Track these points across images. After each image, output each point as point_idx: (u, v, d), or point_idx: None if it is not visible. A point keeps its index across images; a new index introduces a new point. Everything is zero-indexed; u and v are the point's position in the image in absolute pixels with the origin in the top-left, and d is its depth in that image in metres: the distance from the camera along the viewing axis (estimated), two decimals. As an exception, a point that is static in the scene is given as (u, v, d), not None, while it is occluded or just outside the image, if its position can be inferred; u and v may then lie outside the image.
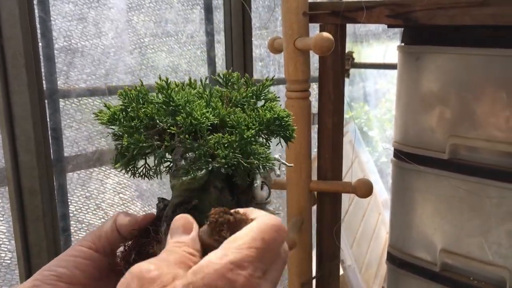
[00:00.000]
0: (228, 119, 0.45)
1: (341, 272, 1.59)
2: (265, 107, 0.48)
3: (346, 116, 2.56)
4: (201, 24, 1.56)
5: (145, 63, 1.45)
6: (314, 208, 1.29)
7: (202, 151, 0.43)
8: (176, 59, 1.53)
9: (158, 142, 0.45)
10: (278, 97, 0.51)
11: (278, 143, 0.48)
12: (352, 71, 2.22)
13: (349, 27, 2.24)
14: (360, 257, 1.66)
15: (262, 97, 0.50)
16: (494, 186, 1.07)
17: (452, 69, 1.10)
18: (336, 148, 1.23)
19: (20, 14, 1.04)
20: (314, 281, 1.33)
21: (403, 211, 1.25)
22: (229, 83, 0.51)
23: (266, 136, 0.48)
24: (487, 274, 1.12)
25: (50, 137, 1.17)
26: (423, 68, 1.15)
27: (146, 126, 0.45)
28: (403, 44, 1.20)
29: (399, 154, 1.23)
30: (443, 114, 1.13)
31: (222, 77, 0.51)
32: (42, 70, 1.17)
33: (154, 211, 0.51)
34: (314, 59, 1.26)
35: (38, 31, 1.14)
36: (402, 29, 1.22)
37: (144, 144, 0.44)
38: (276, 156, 0.48)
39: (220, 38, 1.60)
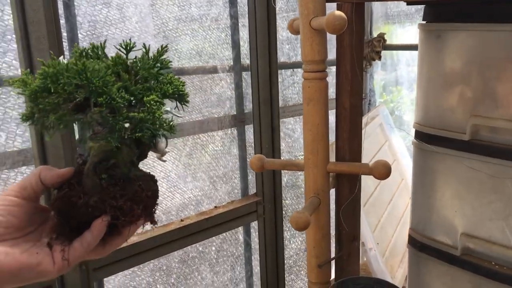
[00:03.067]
0: (137, 94, 0.55)
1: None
2: (166, 80, 0.55)
3: (380, 99, 2.52)
4: (225, 7, 1.56)
5: (169, 47, 1.47)
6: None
7: (119, 125, 0.52)
8: (201, 43, 1.55)
9: (81, 116, 0.54)
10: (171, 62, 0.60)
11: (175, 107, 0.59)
12: (384, 53, 2.17)
13: (381, 8, 2.19)
14: (384, 241, 1.64)
15: (163, 66, 0.58)
16: (516, 168, 1.04)
17: (474, 46, 1.06)
18: (354, 130, 1.22)
19: (44, 1, 1.08)
20: (333, 263, 1.33)
21: (424, 194, 1.23)
22: (129, 52, 0.57)
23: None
24: (509, 259, 1.09)
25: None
26: (444, 46, 1.11)
27: (65, 99, 0.53)
28: (424, 22, 1.17)
29: (419, 136, 1.20)
30: (464, 94, 1.09)
31: (123, 47, 0.58)
32: (67, 54, 1.21)
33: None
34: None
35: (62, 16, 1.18)
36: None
37: (69, 119, 0.53)
38: (168, 109, 0.59)
39: (244, 21, 1.60)
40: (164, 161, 0.60)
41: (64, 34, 1.20)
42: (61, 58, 0.55)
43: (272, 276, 1.79)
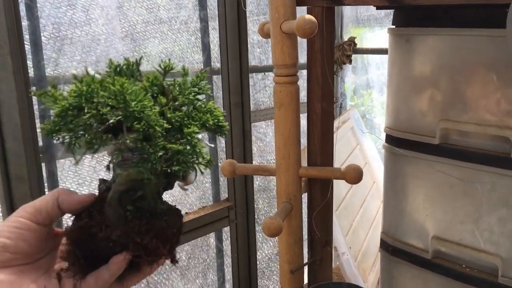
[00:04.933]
0: (175, 122, 0.50)
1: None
2: (205, 108, 0.51)
3: (351, 103, 2.53)
4: (194, 10, 1.54)
5: (137, 50, 1.44)
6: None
7: (154, 155, 0.47)
8: (170, 46, 1.52)
9: (114, 141, 0.48)
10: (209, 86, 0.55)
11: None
12: (355, 57, 2.18)
13: (351, 12, 2.20)
14: (356, 245, 1.64)
15: (201, 92, 0.53)
16: (486, 171, 1.04)
17: (443, 50, 1.07)
18: (326, 134, 1.21)
19: (4, 2, 1.04)
20: (306, 268, 1.32)
21: (395, 197, 1.23)
22: (168, 73, 0.53)
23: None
24: (479, 262, 1.10)
25: (38, 124, 1.17)
26: (413, 50, 1.12)
27: (97, 121, 0.47)
28: (393, 26, 1.17)
29: (390, 140, 1.20)
30: (434, 98, 1.10)
31: (161, 67, 0.53)
32: (30, 57, 1.17)
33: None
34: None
35: (25, 18, 1.13)
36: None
37: (101, 142, 0.48)
38: (200, 137, 0.53)
39: (215, 24, 1.58)
40: (186, 189, 0.56)
41: (27, 36, 1.16)
42: (91, 70, 0.50)
43: (245, 282, 1.77)
